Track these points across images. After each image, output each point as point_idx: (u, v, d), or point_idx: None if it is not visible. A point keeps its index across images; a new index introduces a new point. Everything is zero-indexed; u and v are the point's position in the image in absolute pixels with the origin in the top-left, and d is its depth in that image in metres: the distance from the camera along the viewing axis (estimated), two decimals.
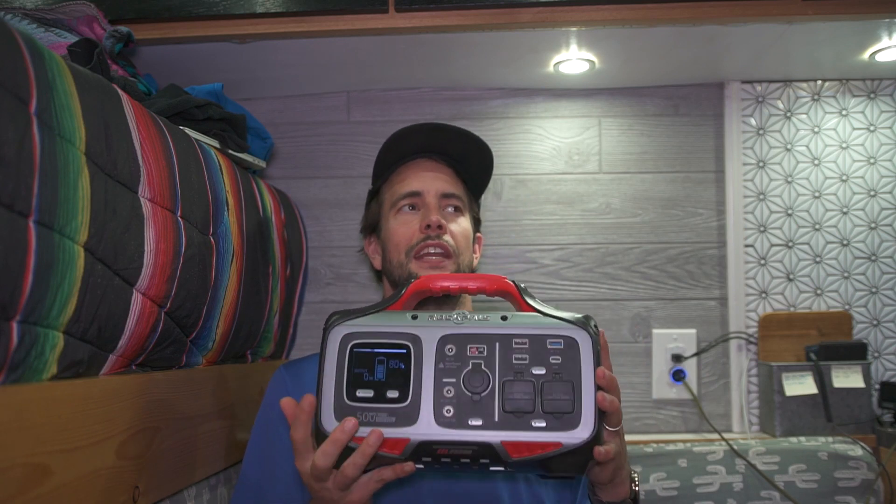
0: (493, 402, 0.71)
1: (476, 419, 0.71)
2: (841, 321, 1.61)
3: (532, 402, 0.71)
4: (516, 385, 0.71)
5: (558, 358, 0.73)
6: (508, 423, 0.71)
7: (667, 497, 1.44)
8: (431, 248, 1.03)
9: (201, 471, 1.03)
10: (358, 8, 1.27)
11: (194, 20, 1.27)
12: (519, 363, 0.73)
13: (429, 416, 0.71)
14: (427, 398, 0.72)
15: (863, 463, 1.44)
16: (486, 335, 0.74)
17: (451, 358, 0.73)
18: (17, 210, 0.63)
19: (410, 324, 0.75)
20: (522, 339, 0.74)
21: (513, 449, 0.70)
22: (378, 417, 0.72)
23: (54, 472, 0.67)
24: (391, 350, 0.74)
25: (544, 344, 0.73)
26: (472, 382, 0.72)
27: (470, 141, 1.12)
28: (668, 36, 1.38)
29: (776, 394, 1.53)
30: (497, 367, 0.73)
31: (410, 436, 0.71)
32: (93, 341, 0.76)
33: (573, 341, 0.73)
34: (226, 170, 1.11)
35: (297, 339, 1.60)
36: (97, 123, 0.76)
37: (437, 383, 0.72)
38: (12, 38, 0.65)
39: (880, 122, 1.66)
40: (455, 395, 0.72)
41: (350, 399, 0.73)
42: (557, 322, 0.74)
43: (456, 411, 0.71)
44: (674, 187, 1.67)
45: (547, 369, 0.72)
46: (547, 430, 0.70)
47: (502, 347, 0.73)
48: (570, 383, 0.71)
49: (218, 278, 1.03)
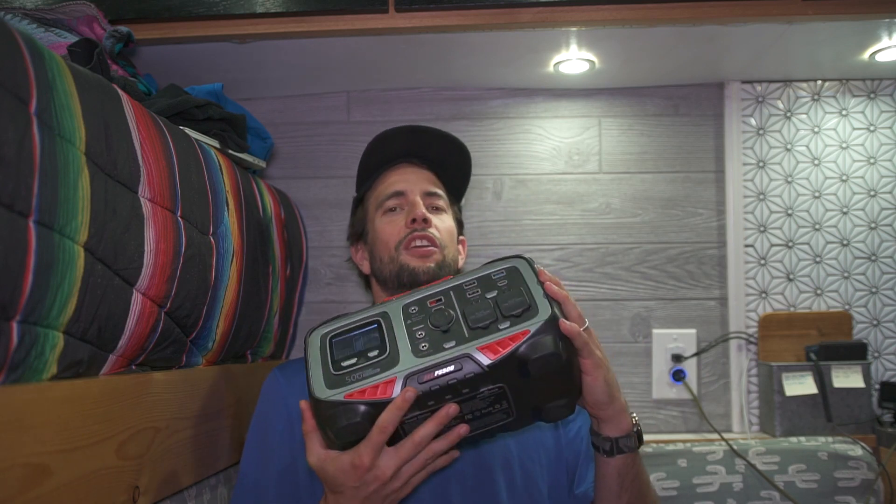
0: (460, 326, 0.79)
1: (450, 342, 0.77)
2: (841, 321, 1.61)
3: (493, 313, 0.78)
4: (475, 306, 0.80)
5: (505, 281, 0.83)
6: (478, 335, 0.77)
7: (667, 497, 1.44)
8: (419, 240, 1.05)
9: (201, 471, 1.03)
10: (358, 8, 1.27)
11: (194, 20, 1.27)
12: (473, 296, 0.82)
13: (408, 355, 0.77)
14: (403, 344, 0.79)
15: (863, 463, 1.44)
16: (441, 290, 0.84)
17: (416, 314, 0.82)
18: (17, 210, 0.63)
19: (375, 308, 0.85)
20: (471, 281, 0.84)
21: (488, 350, 0.76)
22: (365, 373, 0.77)
23: (54, 472, 0.67)
24: (364, 329, 0.82)
25: (490, 277, 0.84)
26: (437, 320, 0.80)
27: (449, 143, 1.14)
28: (668, 36, 1.38)
29: (776, 394, 1.53)
30: (456, 305, 0.81)
31: (396, 374, 0.76)
32: (93, 341, 0.76)
33: (513, 268, 0.84)
34: (226, 170, 1.11)
35: (297, 339, 1.60)
36: (97, 123, 0.76)
37: (410, 332, 0.80)
38: (12, 38, 0.65)
39: (880, 122, 1.66)
40: (427, 333, 0.79)
41: (336, 370, 0.78)
42: (495, 263, 0.86)
43: (430, 343, 0.78)
44: (674, 187, 1.67)
45: (498, 291, 0.81)
46: (512, 326, 0.77)
47: (456, 293, 0.83)
48: (519, 289, 0.81)
49: (218, 278, 1.03)
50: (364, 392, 0.75)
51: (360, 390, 0.75)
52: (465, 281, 0.84)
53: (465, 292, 0.82)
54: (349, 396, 0.75)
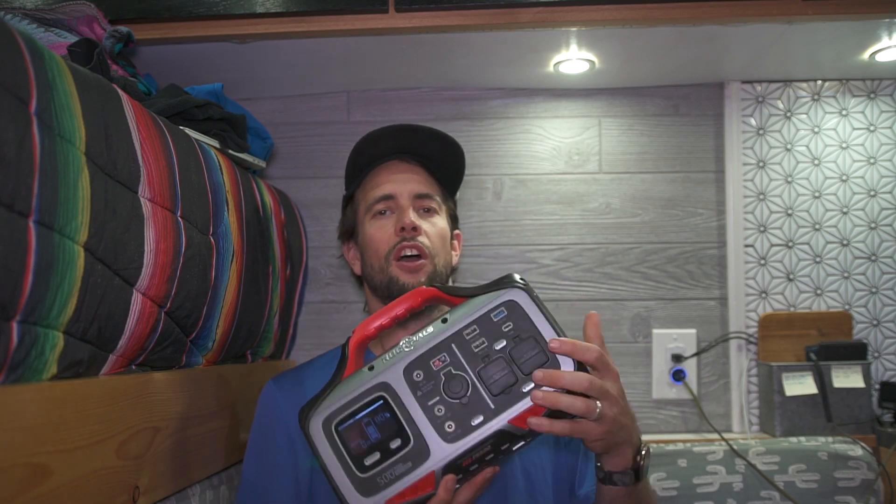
0: (480, 394, 0.73)
1: (476, 418, 0.73)
2: (841, 321, 1.61)
3: (511, 374, 0.73)
4: (489, 368, 0.74)
5: (509, 324, 0.76)
6: (504, 403, 0.73)
7: (667, 497, 1.44)
8: (408, 251, 1.04)
9: (201, 471, 1.03)
10: (358, 8, 1.27)
11: (194, 20, 1.27)
12: (480, 349, 0.75)
13: (437, 441, 0.73)
14: (426, 427, 0.73)
15: (863, 463, 1.44)
16: (440, 344, 0.76)
17: (423, 382, 0.75)
18: (17, 210, 0.63)
19: (371, 376, 0.76)
20: (471, 328, 0.76)
21: (520, 421, 0.72)
22: (396, 470, 0.73)
23: (54, 472, 0.67)
24: (371, 408, 0.75)
25: (490, 320, 0.76)
26: (453, 390, 0.74)
27: (440, 140, 1.12)
28: (668, 36, 1.38)
29: (776, 394, 1.53)
30: (466, 365, 0.75)
31: (432, 468, 0.72)
32: (93, 341, 0.76)
33: (512, 303, 0.77)
34: (226, 170, 1.11)
35: (297, 339, 1.60)
36: (97, 123, 0.76)
37: (426, 409, 0.74)
38: (12, 38, 0.65)
39: (880, 122, 1.66)
40: (447, 410, 0.73)
41: (362, 472, 0.73)
42: (488, 295, 0.77)
43: (456, 422, 0.73)
44: (674, 187, 1.67)
45: (506, 339, 0.75)
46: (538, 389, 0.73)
47: (459, 345, 0.76)
48: (531, 338, 0.74)
49: (218, 278, 1.03)
50: (404, 494, 0.72)
51: (400, 493, 0.72)
52: (465, 326, 0.76)
53: (468, 344, 0.75)
54: (389, 502, 0.72)
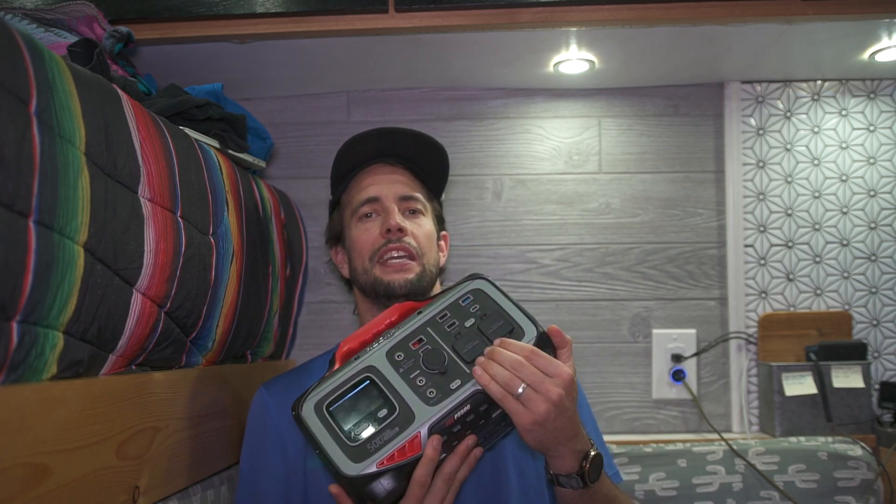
0: (456, 363, 0.81)
1: (454, 382, 0.79)
2: (841, 321, 1.61)
3: (482, 343, 0.81)
4: (462, 340, 0.82)
5: (476, 306, 0.85)
6: None
7: (666, 497, 1.44)
8: (394, 252, 1.04)
9: (201, 471, 1.04)
10: (358, 8, 1.27)
11: (194, 20, 1.27)
12: (452, 328, 0.84)
13: (421, 406, 0.78)
14: (410, 396, 0.79)
15: (863, 463, 1.44)
16: (416, 329, 0.84)
17: (404, 360, 0.82)
18: (17, 210, 0.63)
19: (356, 363, 0.83)
20: (442, 313, 0.85)
21: None
22: (385, 436, 0.77)
23: (54, 472, 0.67)
24: (358, 388, 0.81)
25: (459, 305, 0.85)
26: (431, 363, 0.81)
27: (422, 142, 1.12)
28: (668, 36, 1.38)
29: (776, 394, 1.53)
30: (441, 342, 0.83)
31: (418, 429, 0.77)
32: (93, 341, 0.76)
33: (477, 290, 0.86)
34: (226, 170, 1.11)
35: (297, 339, 1.60)
36: (97, 123, 0.76)
37: (409, 381, 0.80)
38: (12, 38, 0.65)
39: (880, 123, 1.66)
40: (427, 379, 0.80)
41: (354, 442, 0.78)
42: (455, 288, 0.87)
43: (436, 388, 0.79)
44: (674, 187, 1.67)
45: (474, 317, 0.84)
46: None
47: (433, 328, 0.84)
48: (496, 312, 0.83)
49: (218, 278, 1.03)
50: (393, 456, 0.76)
51: (389, 455, 0.76)
52: (437, 313, 0.85)
53: (441, 325, 0.84)
54: (381, 465, 0.76)
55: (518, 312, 0.83)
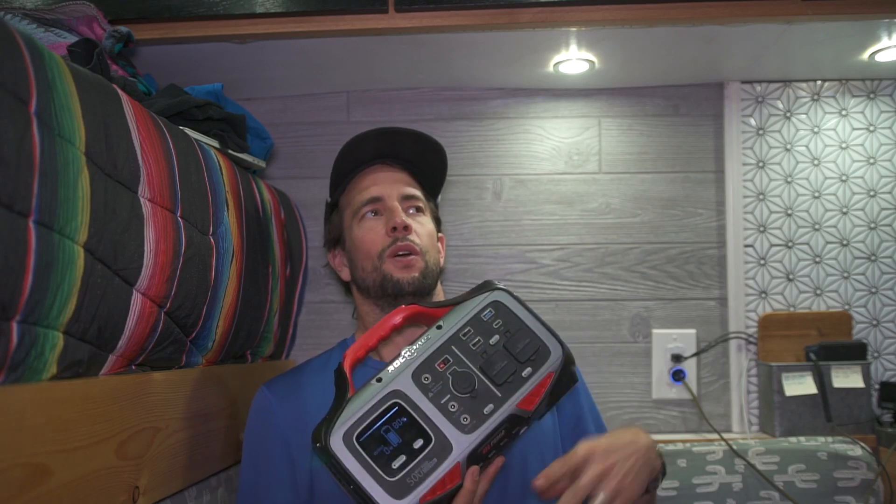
0: (486, 386, 0.81)
1: (487, 407, 0.79)
2: (841, 321, 1.61)
3: (511, 364, 0.81)
4: (490, 362, 0.81)
5: (499, 321, 0.84)
6: (509, 390, 0.80)
7: (666, 497, 1.44)
8: (402, 250, 1.04)
9: (201, 471, 1.03)
10: (358, 8, 1.27)
11: (194, 20, 1.27)
12: (478, 346, 0.83)
13: (456, 434, 0.78)
14: (443, 423, 0.78)
15: (862, 463, 1.44)
16: (440, 347, 0.83)
17: (432, 383, 0.80)
18: (17, 210, 0.63)
19: (381, 386, 0.80)
20: (465, 329, 0.84)
21: (526, 403, 0.80)
22: (424, 469, 0.76)
23: (54, 472, 0.67)
24: (388, 415, 0.79)
25: (481, 320, 0.85)
26: (461, 386, 0.80)
27: (422, 142, 1.12)
28: (668, 36, 1.38)
29: (776, 394, 1.53)
30: (468, 362, 0.82)
31: (457, 459, 0.77)
32: (93, 341, 0.76)
33: (497, 303, 0.86)
34: (226, 170, 1.11)
35: (296, 338, 1.60)
36: (97, 123, 0.76)
37: (440, 407, 0.79)
38: (12, 38, 0.65)
39: (880, 123, 1.66)
40: (459, 404, 0.79)
41: (391, 476, 0.76)
42: (473, 300, 0.86)
43: (470, 415, 0.79)
44: (673, 187, 1.67)
45: (499, 334, 0.84)
46: (535, 372, 0.82)
47: (458, 346, 0.83)
48: (522, 331, 0.84)
49: (218, 278, 1.03)
50: (435, 490, 0.75)
51: (431, 489, 0.75)
52: (459, 329, 0.84)
53: (466, 344, 0.83)
54: (423, 499, 0.75)
55: (542, 329, 0.84)
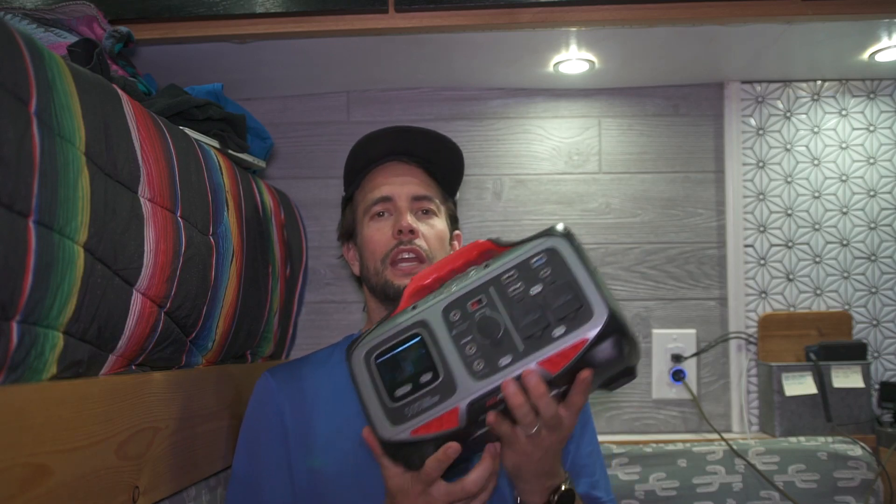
0: (511, 336, 0.73)
1: (505, 358, 0.73)
2: (841, 321, 1.61)
3: (544, 317, 0.73)
4: (523, 310, 0.74)
5: (547, 270, 0.75)
6: (534, 346, 0.72)
7: (666, 497, 1.44)
8: (405, 254, 1.04)
9: (201, 471, 1.03)
10: (358, 8, 1.27)
11: (194, 20, 1.27)
12: (516, 292, 0.75)
13: (464, 378, 0.73)
14: (456, 364, 0.74)
15: (862, 463, 1.44)
16: (479, 287, 0.77)
17: (459, 321, 0.76)
18: (17, 210, 0.63)
19: (412, 314, 0.78)
20: (510, 272, 0.76)
21: (549, 365, 0.71)
22: (424, 404, 0.74)
23: (54, 472, 0.67)
24: (407, 344, 0.77)
25: (529, 266, 0.76)
26: (485, 330, 0.74)
27: (438, 142, 1.11)
28: (668, 36, 1.38)
29: (776, 394, 1.53)
30: (500, 307, 0.75)
31: (458, 403, 0.73)
32: (92, 341, 0.76)
33: (552, 250, 0.76)
34: (226, 170, 1.11)
35: (296, 338, 1.60)
36: (97, 123, 0.76)
37: (459, 347, 0.75)
38: (12, 38, 0.65)
39: (880, 123, 1.66)
40: (478, 348, 0.74)
41: (393, 402, 0.75)
42: (530, 243, 0.77)
43: (485, 361, 0.73)
44: (673, 187, 1.67)
45: (542, 284, 0.74)
46: (568, 333, 0.71)
47: (497, 289, 0.76)
48: (567, 284, 0.73)
49: (218, 278, 1.03)
50: (429, 426, 0.74)
51: (425, 425, 0.74)
52: (504, 272, 0.76)
53: (506, 287, 0.75)
54: (415, 433, 0.74)
55: (591, 286, 0.73)
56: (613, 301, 0.73)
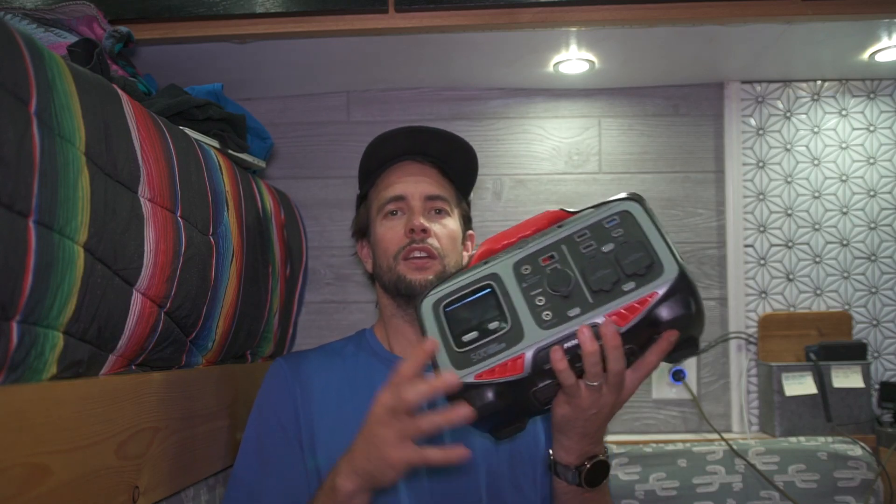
0: (581, 289, 0.75)
1: (574, 310, 0.74)
2: (841, 321, 1.61)
3: (615, 273, 0.74)
4: (594, 266, 0.75)
5: (620, 230, 0.77)
6: (603, 299, 0.74)
7: (666, 497, 1.44)
8: (417, 252, 1.05)
9: (201, 471, 1.03)
10: (358, 8, 1.27)
11: (194, 20, 1.27)
12: (588, 250, 0.77)
13: (532, 327, 0.75)
14: (524, 313, 0.76)
15: (862, 463, 1.44)
16: (551, 244, 0.79)
17: (529, 275, 0.78)
18: (17, 210, 0.63)
19: (484, 268, 0.81)
20: (582, 232, 0.79)
21: (618, 318, 0.73)
22: (490, 349, 0.75)
23: (54, 472, 0.67)
24: (478, 294, 0.79)
25: (602, 226, 0.78)
26: (555, 283, 0.76)
27: (452, 142, 1.12)
28: (668, 36, 1.38)
29: (776, 394, 1.53)
30: (572, 263, 0.77)
31: (524, 350, 0.74)
32: (93, 341, 0.76)
33: (626, 213, 0.78)
34: (226, 170, 1.11)
35: (296, 338, 1.60)
36: (97, 123, 0.76)
37: (528, 298, 0.77)
38: (12, 38, 0.65)
39: (880, 123, 1.66)
40: (547, 300, 0.76)
41: (460, 347, 0.77)
42: (605, 206, 0.80)
43: (553, 312, 0.75)
44: (674, 187, 1.67)
45: (615, 243, 0.76)
46: (638, 288, 0.73)
47: (569, 247, 0.78)
48: (639, 242, 0.75)
49: (218, 278, 1.03)
50: (494, 371, 0.74)
51: (490, 370, 0.74)
52: (577, 231, 0.79)
53: (578, 245, 0.78)
54: (479, 377, 0.74)
55: (662, 245, 0.75)
56: (683, 261, 0.74)
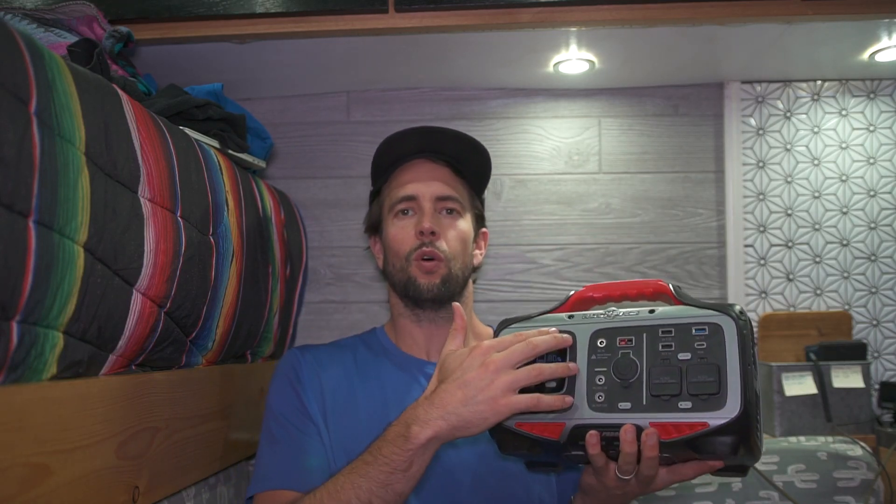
0: (641, 387, 0.75)
1: (625, 403, 0.75)
2: (841, 321, 1.61)
3: (678, 386, 0.73)
4: (662, 370, 0.75)
5: (703, 343, 0.75)
6: (656, 406, 0.74)
7: (666, 497, 1.44)
8: (426, 256, 1.05)
9: (201, 471, 1.04)
10: (358, 8, 1.27)
11: (194, 20, 1.27)
12: (665, 350, 0.76)
13: (583, 403, 0.77)
14: (581, 387, 0.78)
15: (862, 463, 1.44)
16: (635, 327, 0.78)
17: (602, 350, 0.79)
18: (17, 210, 0.63)
19: (566, 322, 0.82)
20: (668, 328, 0.77)
21: (661, 430, 0.73)
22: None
23: (54, 472, 0.67)
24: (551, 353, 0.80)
25: (689, 331, 0.76)
26: (621, 370, 0.76)
27: (465, 143, 1.12)
28: (668, 36, 1.38)
29: (776, 394, 1.53)
30: (645, 356, 0.77)
31: (566, 420, 0.77)
32: (93, 341, 0.76)
33: (717, 327, 0.75)
34: (226, 170, 1.11)
35: (296, 338, 1.60)
36: (97, 123, 0.76)
37: (590, 373, 0.78)
38: (12, 38, 0.65)
39: (880, 123, 1.66)
40: (606, 383, 0.77)
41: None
42: (702, 311, 0.77)
43: (607, 397, 0.76)
44: (673, 187, 1.67)
45: (692, 354, 0.75)
46: (693, 411, 0.72)
47: (649, 337, 0.77)
48: (715, 366, 0.73)
49: (218, 278, 1.03)
50: (533, 427, 0.78)
51: (531, 424, 0.78)
52: (664, 325, 0.77)
53: (658, 341, 0.77)
54: (519, 426, 0.79)
55: (737, 377, 0.72)
56: (753, 402, 0.72)
